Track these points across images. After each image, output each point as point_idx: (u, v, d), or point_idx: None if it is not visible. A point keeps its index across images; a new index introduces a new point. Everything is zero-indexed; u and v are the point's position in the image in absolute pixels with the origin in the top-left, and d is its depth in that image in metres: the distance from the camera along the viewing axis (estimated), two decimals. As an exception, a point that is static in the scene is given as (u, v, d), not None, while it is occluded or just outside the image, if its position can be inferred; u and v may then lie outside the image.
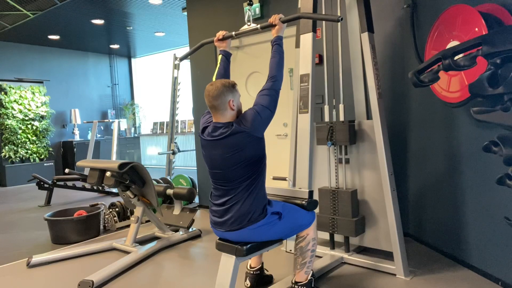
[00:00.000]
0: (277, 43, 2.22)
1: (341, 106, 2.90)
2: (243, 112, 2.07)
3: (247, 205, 1.97)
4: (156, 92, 9.82)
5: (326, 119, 2.98)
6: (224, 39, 2.50)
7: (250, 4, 2.55)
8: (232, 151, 1.94)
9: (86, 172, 5.78)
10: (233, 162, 1.95)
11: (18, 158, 7.88)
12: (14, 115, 7.79)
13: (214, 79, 2.35)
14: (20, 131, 7.87)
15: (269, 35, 4.04)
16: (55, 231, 3.64)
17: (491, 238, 2.40)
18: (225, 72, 2.43)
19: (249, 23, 2.52)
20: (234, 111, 2.03)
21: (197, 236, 3.66)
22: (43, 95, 8.24)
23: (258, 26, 2.37)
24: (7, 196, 6.64)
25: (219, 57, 2.47)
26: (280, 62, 2.16)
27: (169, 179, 4.57)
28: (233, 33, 2.47)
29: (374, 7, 2.92)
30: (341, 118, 2.88)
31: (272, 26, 2.28)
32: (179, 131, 8.67)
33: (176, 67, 5.67)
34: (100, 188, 5.84)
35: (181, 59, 2.97)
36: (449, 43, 2.61)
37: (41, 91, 8.23)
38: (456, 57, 2.29)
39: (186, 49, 6.55)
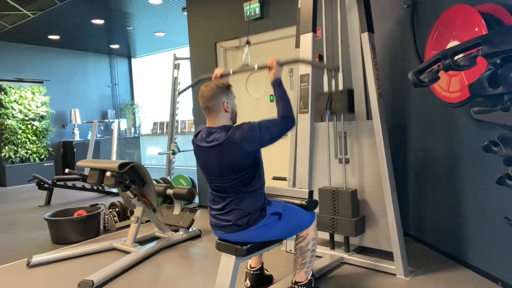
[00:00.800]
0: (278, 85, 2.14)
1: (340, 75, 2.89)
2: (237, 112, 2.09)
3: (245, 208, 1.98)
4: (156, 92, 9.82)
5: (326, 89, 2.95)
6: (222, 77, 2.43)
7: (248, 43, 2.51)
8: (226, 160, 1.93)
9: (86, 172, 5.78)
10: (228, 170, 1.95)
11: (18, 158, 7.88)
12: (14, 115, 7.79)
13: None
14: (20, 131, 7.87)
15: (270, 34, 4.07)
16: (55, 231, 3.64)
17: (491, 238, 2.40)
18: None
19: (247, 63, 2.48)
20: (229, 113, 2.03)
21: (197, 236, 3.66)
22: (43, 95, 8.24)
23: (255, 66, 2.33)
24: (7, 196, 6.64)
25: None
26: (288, 105, 2.07)
27: (169, 179, 4.57)
28: (231, 70, 2.45)
29: (374, 7, 2.92)
30: (340, 88, 2.86)
31: (269, 68, 2.20)
32: (179, 131, 8.67)
33: (176, 67, 5.69)
34: (100, 188, 5.84)
35: (179, 93, 2.98)
36: (449, 43, 2.61)
37: (41, 91, 8.23)
38: (456, 57, 2.29)
39: (186, 49, 6.53)
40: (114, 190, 5.86)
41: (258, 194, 2.03)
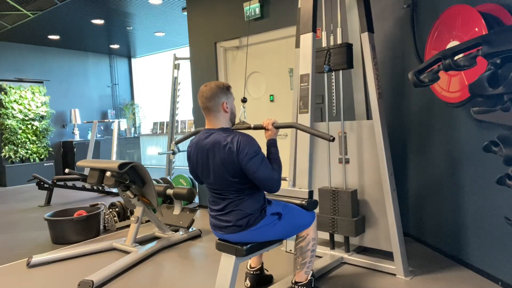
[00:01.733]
0: (274, 146, 2.15)
1: (338, 30, 2.87)
2: (236, 114, 2.11)
3: (245, 209, 1.98)
4: (156, 92, 9.82)
5: (324, 45, 2.91)
6: None
7: (244, 101, 2.50)
8: (224, 161, 1.93)
9: (86, 172, 5.78)
10: (227, 172, 1.94)
11: (18, 158, 7.87)
12: (14, 115, 7.79)
13: None
14: (20, 131, 7.87)
15: (270, 34, 4.07)
16: (55, 231, 3.64)
17: (491, 238, 2.40)
18: None
19: (243, 120, 2.47)
20: (228, 113, 2.03)
21: (197, 236, 3.66)
22: (43, 95, 8.24)
23: (252, 125, 2.33)
24: (7, 196, 6.64)
25: None
26: (280, 168, 2.07)
27: (169, 179, 4.57)
28: None
29: (374, 7, 2.92)
30: (339, 42, 2.83)
31: (265, 129, 2.20)
32: (179, 131, 8.66)
33: (176, 67, 5.69)
34: (100, 188, 5.84)
35: (176, 142, 2.97)
36: (449, 43, 2.61)
37: (41, 91, 8.23)
38: (456, 57, 2.29)
39: (186, 49, 6.53)
40: (114, 190, 5.86)
41: (258, 195, 2.02)
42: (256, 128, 2.27)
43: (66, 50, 8.97)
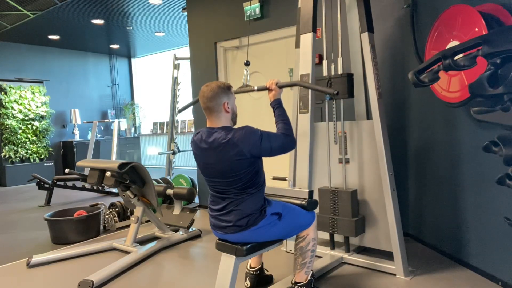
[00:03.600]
0: (279, 106, 2.18)
1: (339, 60, 2.89)
2: (237, 113, 2.09)
3: (245, 209, 1.98)
4: (156, 92, 9.82)
5: (325, 74, 2.95)
6: None
7: (247, 64, 2.50)
8: (225, 160, 1.93)
9: (86, 172, 5.78)
10: (227, 171, 1.94)
11: (18, 158, 7.88)
12: (14, 115, 7.79)
13: None
14: (20, 131, 7.87)
15: (270, 34, 4.07)
16: (55, 231, 3.64)
17: (491, 238, 2.40)
18: None
19: (246, 83, 2.47)
20: (229, 113, 2.04)
21: (197, 236, 3.66)
22: (43, 95, 8.24)
23: (255, 87, 2.33)
24: (7, 196, 6.64)
25: None
26: (289, 125, 2.10)
27: (169, 179, 4.57)
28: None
29: (374, 7, 2.92)
30: (340, 72, 2.87)
31: (269, 89, 2.23)
32: (179, 131, 8.67)
33: (176, 67, 5.69)
34: (100, 188, 5.84)
35: (179, 111, 2.99)
36: (449, 43, 2.61)
37: (41, 91, 8.23)
38: (456, 57, 2.29)
39: (186, 49, 6.53)
40: (114, 190, 5.86)
41: (258, 195, 2.03)
42: (260, 89, 2.28)
43: (66, 50, 8.97)
